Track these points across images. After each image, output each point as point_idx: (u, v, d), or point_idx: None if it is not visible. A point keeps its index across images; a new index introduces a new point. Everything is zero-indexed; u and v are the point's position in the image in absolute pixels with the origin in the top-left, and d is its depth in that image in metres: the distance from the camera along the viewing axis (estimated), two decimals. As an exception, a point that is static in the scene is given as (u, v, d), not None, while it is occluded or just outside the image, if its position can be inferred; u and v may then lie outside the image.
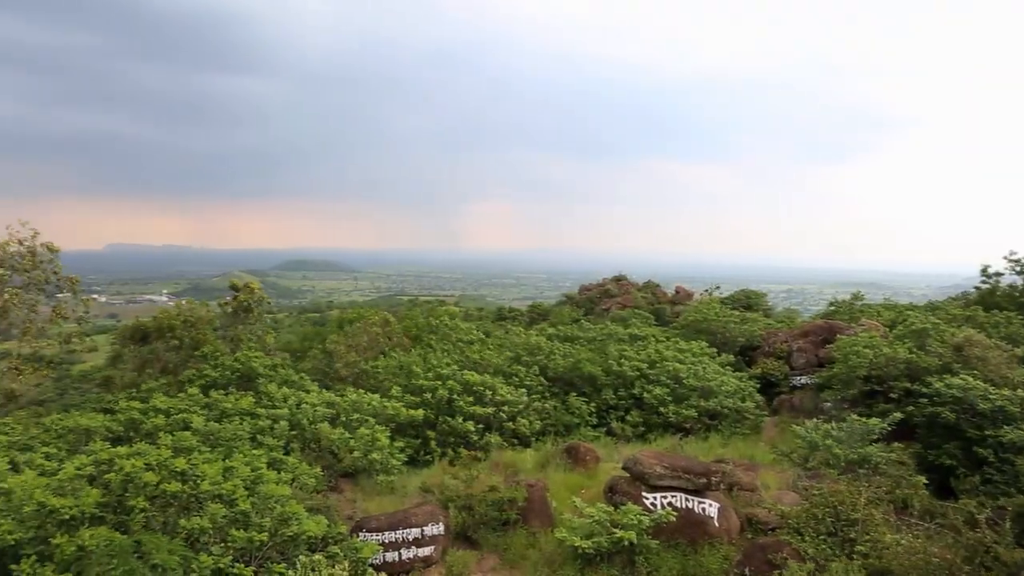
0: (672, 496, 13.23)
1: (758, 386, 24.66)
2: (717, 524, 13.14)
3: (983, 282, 32.52)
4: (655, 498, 13.20)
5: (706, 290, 46.10)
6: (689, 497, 13.27)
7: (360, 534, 11.99)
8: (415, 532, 12.59)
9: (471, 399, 20.25)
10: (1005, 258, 30.85)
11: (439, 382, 20.81)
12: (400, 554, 12.37)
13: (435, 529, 12.80)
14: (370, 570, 10.66)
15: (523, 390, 22.21)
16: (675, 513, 12.70)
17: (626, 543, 11.91)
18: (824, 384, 23.32)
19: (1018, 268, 30.56)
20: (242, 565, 8.95)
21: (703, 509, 13.20)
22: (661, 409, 22.23)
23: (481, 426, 19.68)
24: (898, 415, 17.87)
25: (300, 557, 9.75)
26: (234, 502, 9.60)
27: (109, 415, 16.27)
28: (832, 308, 38.49)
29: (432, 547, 12.67)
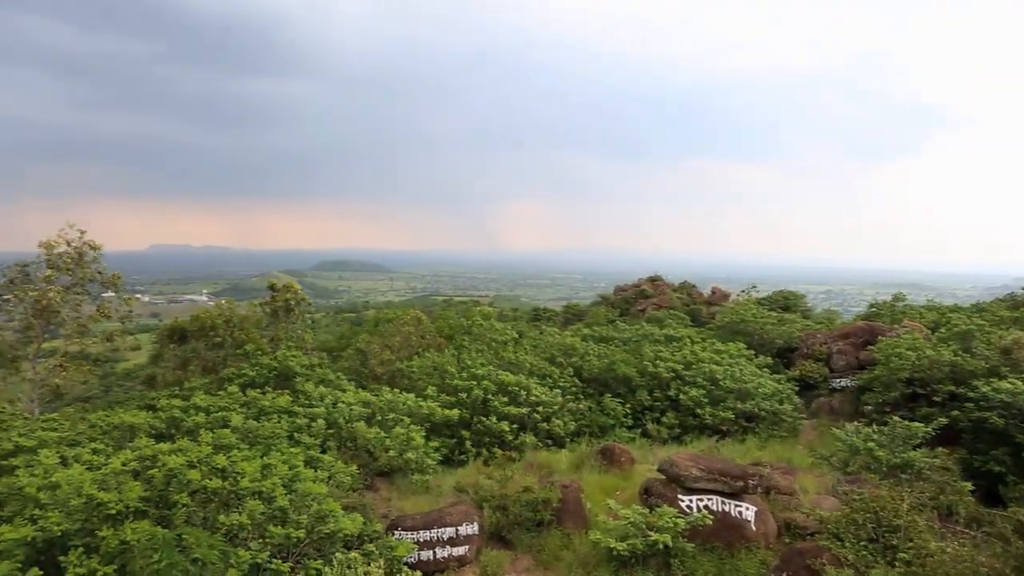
0: (708, 499, 13.07)
1: (796, 388, 24.29)
2: (754, 528, 12.95)
3: (1032, 283, 31.61)
4: (691, 501, 13.05)
5: (743, 291, 45.55)
6: (726, 500, 13.10)
7: (395, 532, 12.09)
8: (450, 531, 12.63)
9: (506, 399, 20.29)
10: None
11: (474, 382, 20.89)
12: (435, 553, 12.43)
13: (469, 529, 12.83)
14: (405, 568, 10.72)
15: (558, 391, 22.18)
16: (711, 516, 12.56)
17: (661, 546, 11.79)
18: (865, 387, 22.86)
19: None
20: (279, 561, 9.09)
21: (740, 513, 13.02)
22: (697, 411, 22.03)
23: (516, 426, 19.70)
24: (943, 419, 17.43)
25: (336, 554, 9.86)
26: (272, 499, 9.74)
27: (152, 412, 16.61)
28: (873, 309, 37.74)
29: (466, 547, 12.71)
